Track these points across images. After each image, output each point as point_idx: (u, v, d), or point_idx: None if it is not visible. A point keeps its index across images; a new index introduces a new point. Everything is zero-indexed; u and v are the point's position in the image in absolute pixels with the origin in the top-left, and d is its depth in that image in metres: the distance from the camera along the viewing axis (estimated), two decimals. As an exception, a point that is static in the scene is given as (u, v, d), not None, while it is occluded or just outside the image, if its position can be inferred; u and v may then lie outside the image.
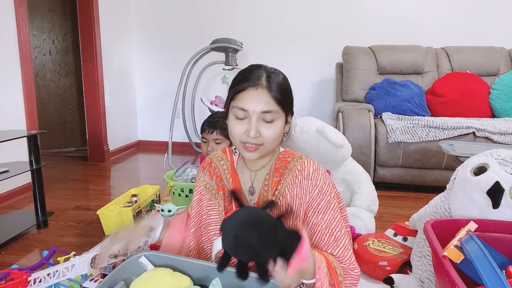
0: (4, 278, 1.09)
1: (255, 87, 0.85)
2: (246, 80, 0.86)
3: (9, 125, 2.32)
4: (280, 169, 0.93)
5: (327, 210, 0.88)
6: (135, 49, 3.93)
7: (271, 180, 0.92)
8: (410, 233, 1.54)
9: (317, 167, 0.91)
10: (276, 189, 0.90)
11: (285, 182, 0.90)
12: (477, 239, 0.88)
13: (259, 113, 0.84)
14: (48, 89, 3.73)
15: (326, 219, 0.87)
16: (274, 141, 0.88)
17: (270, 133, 0.86)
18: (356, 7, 3.50)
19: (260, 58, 3.67)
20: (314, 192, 0.88)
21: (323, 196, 0.88)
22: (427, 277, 1.20)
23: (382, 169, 2.61)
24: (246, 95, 0.85)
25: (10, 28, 2.35)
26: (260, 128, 0.85)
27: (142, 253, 0.79)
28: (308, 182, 0.88)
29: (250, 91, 0.85)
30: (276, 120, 0.86)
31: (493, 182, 1.04)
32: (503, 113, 2.80)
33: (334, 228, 0.87)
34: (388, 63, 3.09)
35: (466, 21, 3.37)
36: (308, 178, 0.89)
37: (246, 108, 0.85)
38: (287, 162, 0.93)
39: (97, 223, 1.90)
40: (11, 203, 2.32)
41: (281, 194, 0.90)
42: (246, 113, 0.85)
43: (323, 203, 0.88)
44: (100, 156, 3.42)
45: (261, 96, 0.84)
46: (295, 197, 0.88)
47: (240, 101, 0.86)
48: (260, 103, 0.84)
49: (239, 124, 0.87)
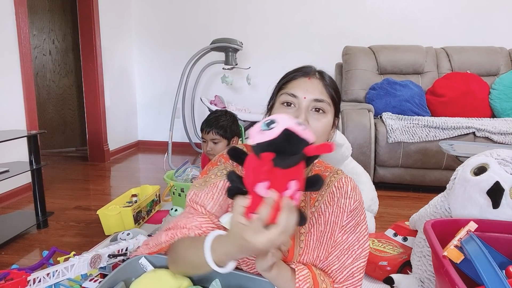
0: (3, 278, 1.09)
1: (307, 77, 0.79)
2: (298, 71, 0.81)
3: (9, 125, 2.32)
4: None
5: (354, 231, 0.81)
6: (135, 49, 3.93)
7: (309, 196, 0.84)
8: (410, 233, 1.54)
9: (354, 185, 0.85)
10: (313, 205, 0.83)
11: (322, 199, 0.83)
12: (477, 239, 0.88)
13: (310, 100, 0.76)
14: (48, 89, 3.73)
15: (350, 239, 0.81)
16: (322, 137, 0.78)
17: (319, 126, 0.76)
18: (356, 7, 3.50)
19: (260, 58, 3.68)
20: (349, 211, 0.82)
21: (354, 216, 0.82)
22: (427, 277, 1.20)
23: (382, 169, 2.61)
24: (297, 83, 0.78)
25: (10, 28, 2.35)
26: (309, 118, 0.76)
27: (142, 255, 0.78)
28: (346, 201, 0.82)
29: (302, 79, 0.79)
30: (327, 113, 0.78)
31: (493, 182, 1.04)
32: (503, 113, 2.80)
33: (355, 251, 0.80)
34: (388, 63, 3.09)
35: (466, 21, 3.37)
36: (346, 197, 0.82)
37: (296, 94, 0.76)
38: (324, 176, 0.85)
39: (97, 223, 1.90)
40: (11, 203, 2.32)
41: (318, 212, 0.82)
42: (296, 100, 0.77)
43: (353, 223, 0.82)
44: (100, 156, 3.42)
45: (314, 84, 0.78)
46: (331, 215, 0.82)
47: (290, 88, 0.78)
48: (313, 91, 0.77)
49: (286, 111, 0.76)
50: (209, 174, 0.84)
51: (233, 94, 3.76)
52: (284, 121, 0.52)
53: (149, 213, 2.07)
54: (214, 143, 1.80)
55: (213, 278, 0.73)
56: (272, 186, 0.53)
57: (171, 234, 0.76)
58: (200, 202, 0.79)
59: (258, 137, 0.52)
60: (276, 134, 0.51)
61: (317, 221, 0.82)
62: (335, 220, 0.81)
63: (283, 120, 0.53)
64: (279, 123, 0.52)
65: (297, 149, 0.52)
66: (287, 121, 0.53)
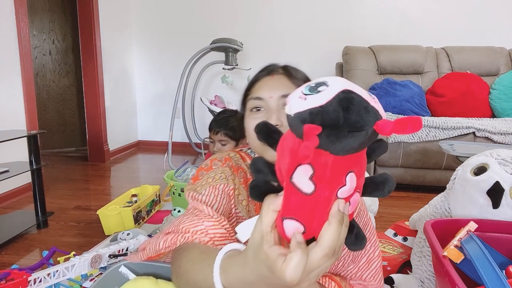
0: (4, 278, 1.09)
1: (271, 75, 0.74)
2: (261, 71, 0.76)
3: (9, 125, 2.32)
4: None
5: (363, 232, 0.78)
6: (135, 49, 3.93)
7: None
8: (410, 233, 1.54)
9: None
10: None
11: None
12: (477, 239, 0.88)
13: (277, 98, 0.70)
14: (48, 89, 3.73)
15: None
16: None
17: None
18: (356, 7, 3.50)
19: (260, 58, 3.68)
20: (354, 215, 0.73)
21: (360, 218, 0.76)
22: (427, 277, 1.20)
23: (382, 169, 2.61)
24: (260, 84, 0.74)
25: (10, 28, 2.35)
26: (283, 118, 0.68)
27: (121, 263, 0.73)
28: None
29: (265, 78, 0.74)
30: None
31: (493, 182, 1.04)
32: (503, 113, 2.80)
33: (368, 250, 0.76)
34: (388, 63, 3.09)
35: (466, 21, 3.37)
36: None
37: (261, 96, 0.71)
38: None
39: (97, 223, 1.90)
40: (11, 203, 2.32)
41: None
42: (263, 103, 0.71)
43: (361, 224, 0.76)
44: (100, 156, 3.42)
45: (278, 81, 0.72)
46: None
47: (254, 91, 0.73)
48: (278, 87, 0.71)
49: (256, 117, 0.71)
50: (204, 178, 0.74)
51: (233, 94, 3.76)
52: (339, 82, 0.33)
53: (149, 213, 2.07)
54: (222, 144, 1.75)
55: None
56: (318, 178, 0.34)
57: (171, 240, 0.64)
58: (205, 201, 0.68)
59: (299, 104, 0.33)
60: (328, 99, 0.32)
61: None
62: None
63: (337, 82, 0.33)
64: (331, 85, 0.33)
65: (363, 123, 0.31)
66: (344, 82, 0.33)
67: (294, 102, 0.34)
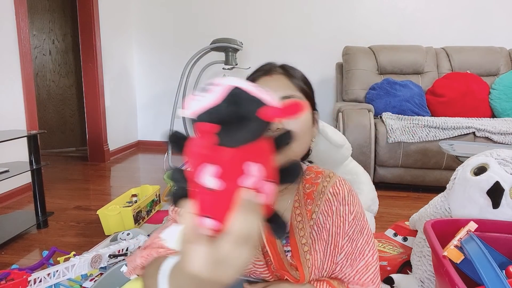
0: (4, 278, 1.09)
1: (269, 74, 0.71)
2: (259, 70, 0.73)
3: (9, 125, 2.32)
4: (312, 194, 0.76)
5: (360, 236, 0.76)
6: (135, 49, 3.93)
7: (304, 209, 0.75)
8: (410, 233, 1.54)
9: (350, 187, 0.78)
10: (311, 218, 0.75)
11: (319, 210, 0.75)
12: (477, 239, 0.88)
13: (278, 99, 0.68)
14: (48, 89, 3.73)
15: (359, 245, 0.75)
16: (303, 140, 0.69)
17: (296, 126, 0.66)
18: (356, 7, 3.50)
19: (260, 58, 3.66)
20: (350, 218, 0.75)
21: (358, 221, 0.76)
22: (427, 277, 1.20)
23: (382, 169, 2.61)
24: (259, 84, 0.69)
25: (10, 28, 2.35)
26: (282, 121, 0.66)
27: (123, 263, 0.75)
28: (345, 208, 0.75)
29: (263, 79, 0.71)
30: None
31: (493, 182, 1.04)
32: (503, 113, 2.80)
33: (367, 254, 0.76)
34: (388, 63, 3.09)
35: (466, 21, 3.37)
36: (344, 203, 0.75)
37: None
38: (317, 184, 0.77)
39: (97, 223, 1.90)
40: (11, 203, 2.32)
41: (317, 225, 0.74)
42: None
43: (358, 228, 0.76)
44: (100, 156, 3.42)
45: (277, 81, 0.69)
46: (333, 226, 0.74)
47: None
48: (277, 88, 0.68)
49: None
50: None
51: (233, 94, 3.75)
52: (227, 80, 0.35)
53: (149, 213, 2.07)
54: None
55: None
56: (223, 173, 0.35)
57: (146, 255, 0.62)
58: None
59: (191, 105, 0.35)
60: (217, 97, 0.34)
61: (318, 236, 0.74)
62: (337, 231, 0.74)
63: (225, 80, 0.35)
64: (219, 84, 0.35)
65: (250, 114, 0.34)
66: (231, 80, 0.35)
67: (188, 104, 0.35)
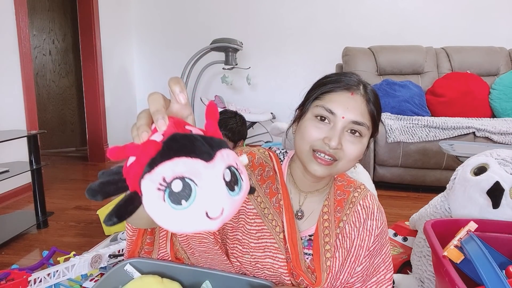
0: (4, 278, 1.09)
1: (351, 92, 0.70)
2: (339, 81, 0.71)
3: (9, 125, 2.32)
4: (342, 202, 0.77)
5: (379, 253, 0.77)
6: (135, 49, 3.93)
7: (333, 215, 0.76)
8: (410, 233, 1.54)
9: (379, 204, 0.79)
10: (338, 226, 0.75)
11: (347, 219, 0.76)
12: (477, 239, 0.88)
13: (348, 122, 0.68)
14: (48, 89, 3.73)
15: (375, 262, 0.76)
16: (352, 162, 0.70)
17: (353, 150, 0.69)
18: (356, 7, 3.50)
19: (260, 58, 3.68)
20: (376, 234, 0.76)
21: (381, 239, 0.77)
22: (427, 277, 1.20)
23: (382, 169, 2.61)
24: (338, 97, 0.69)
25: (10, 28, 2.35)
26: (343, 141, 0.68)
27: (127, 261, 0.73)
28: (372, 223, 0.75)
29: (344, 94, 0.70)
30: (364, 136, 0.70)
31: (493, 182, 1.04)
32: (503, 113, 2.80)
33: (380, 272, 0.77)
34: (387, 64, 3.09)
35: (466, 21, 3.37)
36: (372, 218, 0.75)
37: (334, 111, 0.68)
38: (348, 193, 0.78)
39: (97, 223, 1.90)
40: (11, 203, 2.32)
41: (342, 234, 0.75)
42: (332, 117, 0.68)
43: (379, 245, 0.77)
44: (100, 156, 3.42)
45: (356, 103, 0.69)
46: (357, 239, 0.75)
47: (328, 101, 0.69)
48: (354, 111, 0.68)
49: (318, 127, 0.69)
50: None
51: (233, 94, 3.75)
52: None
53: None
54: None
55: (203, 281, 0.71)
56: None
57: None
58: None
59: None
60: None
61: (341, 245, 0.75)
62: (361, 244, 0.75)
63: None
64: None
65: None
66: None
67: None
